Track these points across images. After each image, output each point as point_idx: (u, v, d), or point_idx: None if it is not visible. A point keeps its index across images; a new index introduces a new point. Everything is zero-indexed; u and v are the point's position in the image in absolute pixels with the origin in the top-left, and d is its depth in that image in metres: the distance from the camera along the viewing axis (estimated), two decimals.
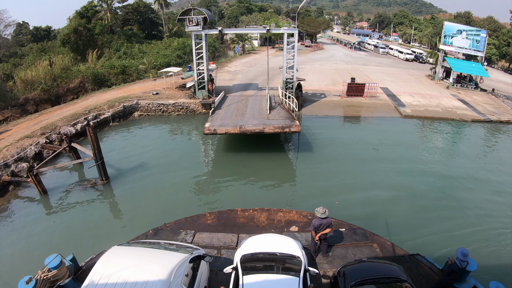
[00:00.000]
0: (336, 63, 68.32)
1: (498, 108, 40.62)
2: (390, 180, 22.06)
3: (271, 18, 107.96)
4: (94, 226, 17.03)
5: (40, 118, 30.82)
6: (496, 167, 25.31)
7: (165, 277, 7.72)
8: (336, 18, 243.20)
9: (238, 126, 23.60)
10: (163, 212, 17.49)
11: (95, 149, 19.48)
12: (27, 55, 62.83)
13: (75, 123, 28.82)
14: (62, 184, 21.02)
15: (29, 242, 15.89)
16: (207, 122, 24.64)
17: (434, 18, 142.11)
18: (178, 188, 20.66)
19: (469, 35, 51.48)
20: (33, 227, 17.08)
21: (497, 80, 61.80)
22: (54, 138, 26.64)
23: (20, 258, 14.91)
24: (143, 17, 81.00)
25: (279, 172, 23.29)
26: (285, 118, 25.60)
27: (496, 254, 15.64)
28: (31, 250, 15.27)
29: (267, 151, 26.14)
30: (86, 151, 21.41)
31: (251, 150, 26.16)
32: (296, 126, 23.53)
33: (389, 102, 39.58)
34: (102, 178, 20.54)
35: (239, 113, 27.62)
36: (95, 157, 19.76)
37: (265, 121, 25.04)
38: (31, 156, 23.81)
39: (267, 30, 32.58)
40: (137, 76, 49.55)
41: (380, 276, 9.44)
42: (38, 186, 19.39)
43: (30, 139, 25.41)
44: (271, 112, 27.35)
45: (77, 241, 15.76)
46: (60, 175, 22.46)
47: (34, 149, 24.26)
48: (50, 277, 9.31)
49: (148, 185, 20.84)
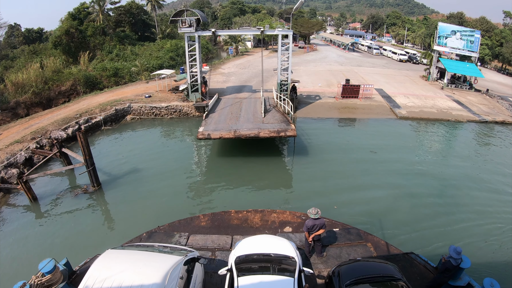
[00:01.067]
0: (330, 64, 68.16)
1: (492, 109, 40.66)
2: (386, 181, 22.18)
3: (264, 19, 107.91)
4: (86, 233, 16.73)
5: (31, 122, 30.20)
6: (491, 166, 25.66)
7: (159, 280, 7.66)
8: (329, 19, 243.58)
9: (232, 131, 23.19)
10: (156, 217, 17.10)
11: (86, 155, 18.99)
12: (19, 58, 62.03)
13: (66, 127, 28.25)
14: (53, 190, 20.52)
15: (19, 249, 15.54)
16: (201, 127, 24.21)
17: (427, 19, 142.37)
18: (171, 192, 20.37)
19: (463, 35, 51.56)
20: (23, 234, 16.66)
21: (491, 80, 62.03)
22: (45, 143, 26.05)
23: (13, 263, 14.65)
24: (136, 18, 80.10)
25: (274, 174, 23.09)
26: (280, 121, 25.26)
27: (490, 251, 15.85)
28: (22, 257, 15.04)
29: (262, 153, 25.82)
30: (77, 156, 20.93)
31: (245, 152, 25.81)
32: (291, 130, 23.18)
33: (384, 104, 39.40)
34: (93, 184, 20.03)
35: (233, 117, 27.23)
36: (86, 163, 19.26)
37: (260, 124, 24.67)
38: (21, 162, 23.24)
39: (261, 32, 32.15)
40: (130, 78, 48.92)
41: (374, 275, 9.44)
42: (28, 193, 18.89)
43: (20, 144, 24.87)
44: (266, 115, 27.01)
45: (69, 248, 15.39)
46: (51, 181, 21.95)
47: (24, 154, 23.72)
48: (44, 282, 9.24)
49: (141, 190, 20.47)
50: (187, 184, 21.42)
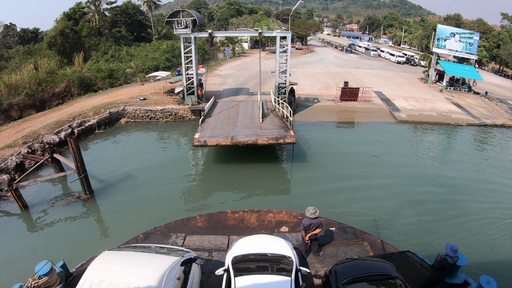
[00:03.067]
0: (328, 66, 67.63)
1: (492, 112, 40.30)
2: (385, 183, 22.16)
3: (261, 20, 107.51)
4: (78, 243, 16.13)
5: (23, 126, 29.43)
6: (488, 168, 25.80)
7: (156, 281, 7.67)
8: (326, 20, 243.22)
9: (229, 137, 22.57)
10: (150, 224, 16.41)
11: (77, 162, 18.27)
12: (13, 58, 61.24)
13: (58, 131, 27.50)
14: (44, 198, 19.82)
15: (5, 262, 14.87)
16: (197, 133, 23.58)
17: (424, 21, 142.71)
18: (166, 198, 19.93)
19: (462, 38, 51.17)
20: (13, 243, 16.12)
21: (489, 82, 61.71)
22: (37, 147, 25.31)
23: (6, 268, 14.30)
24: (132, 19, 79.28)
25: (270, 179, 22.68)
26: (279, 127, 24.65)
27: (487, 248, 16.02)
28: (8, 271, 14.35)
29: (259, 157, 25.22)
30: (68, 163, 20.16)
31: (242, 156, 25.18)
32: (291, 137, 22.57)
33: (384, 107, 38.90)
34: (85, 192, 19.31)
35: (230, 122, 26.58)
36: (78, 170, 18.54)
37: (258, 131, 24.05)
38: (12, 167, 22.49)
39: (259, 33, 31.55)
40: (125, 80, 48.15)
41: (371, 273, 9.50)
42: (18, 201, 18.20)
43: (11, 149, 24.11)
44: (264, 120, 26.40)
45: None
46: (42, 187, 21.19)
47: (15, 159, 22.97)
48: (41, 284, 9.20)
49: (135, 196, 19.97)
50: (183, 188, 21.01)
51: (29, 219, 18.09)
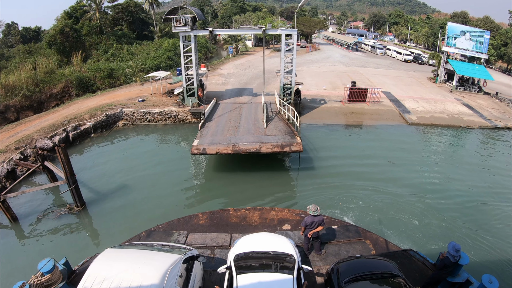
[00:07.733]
0: (334, 64, 66.13)
1: (503, 113, 38.85)
2: (393, 185, 21.68)
3: (265, 17, 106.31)
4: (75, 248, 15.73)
5: (17, 129, 28.23)
6: (496, 170, 25.38)
7: (159, 279, 7.71)
8: (331, 17, 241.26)
9: (231, 145, 21.26)
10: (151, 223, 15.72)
11: (67, 172, 16.97)
12: (14, 57, 60.24)
13: (52, 135, 26.27)
14: (34, 209, 18.78)
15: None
16: (196, 139, 22.24)
17: (430, 18, 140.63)
18: (164, 207, 18.96)
19: (472, 36, 49.48)
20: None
21: (499, 82, 59.75)
22: (29, 153, 24.09)
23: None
24: (134, 17, 78.14)
25: (275, 185, 21.64)
26: (284, 133, 23.23)
27: (489, 247, 15.95)
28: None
29: (263, 163, 23.84)
30: (59, 172, 18.90)
31: (244, 162, 23.79)
32: (297, 144, 21.20)
33: (393, 108, 37.42)
34: (76, 204, 18.07)
35: (232, 126, 25.18)
36: (68, 181, 17.23)
37: (262, 137, 22.67)
38: (3, 175, 21.38)
39: (263, 31, 29.98)
40: (125, 80, 46.85)
41: (373, 272, 9.50)
42: (7, 214, 17.18)
43: (3, 155, 22.99)
44: (268, 125, 25.02)
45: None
46: (33, 197, 20.02)
47: (6, 167, 21.84)
48: (43, 282, 9.27)
49: (131, 202, 19.29)
50: (181, 198, 20.15)
51: (19, 232, 17.22)
